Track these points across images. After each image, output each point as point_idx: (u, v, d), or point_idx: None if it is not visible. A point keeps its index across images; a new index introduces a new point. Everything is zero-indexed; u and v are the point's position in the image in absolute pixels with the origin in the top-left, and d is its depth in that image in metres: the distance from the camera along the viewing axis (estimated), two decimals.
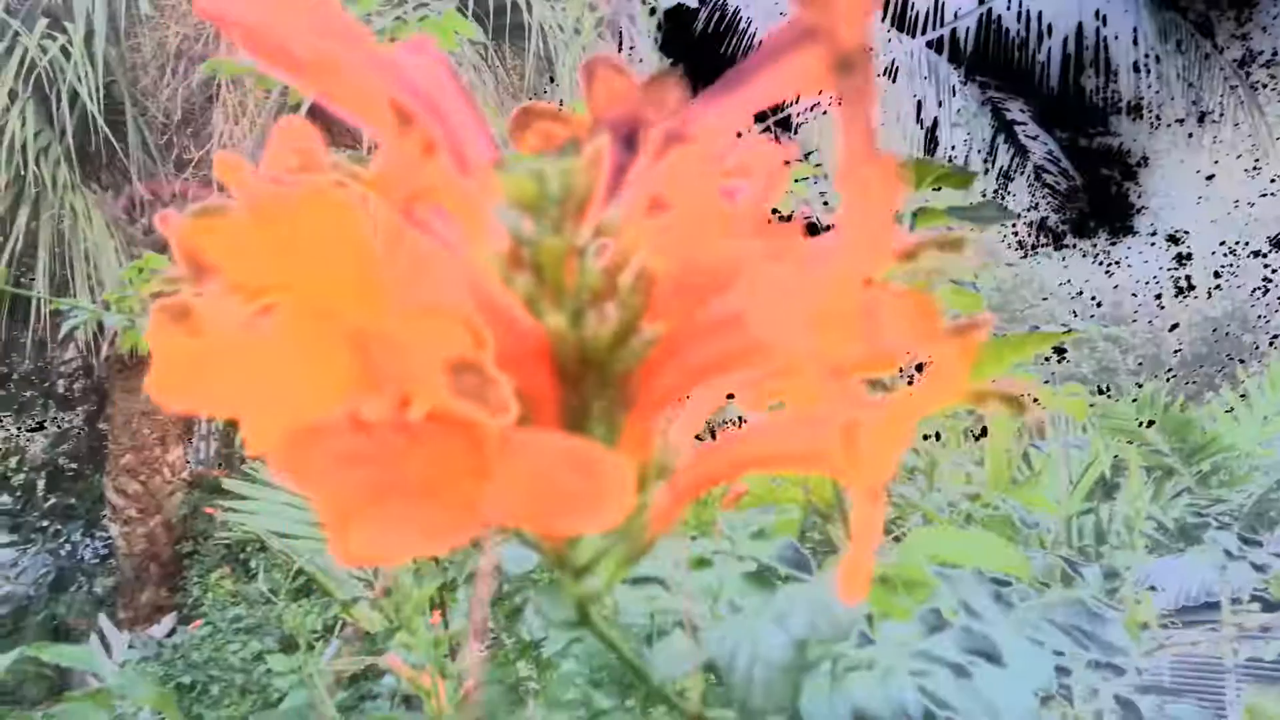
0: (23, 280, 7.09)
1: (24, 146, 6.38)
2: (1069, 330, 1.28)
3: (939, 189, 1.20)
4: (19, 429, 10.11)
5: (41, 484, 9.28)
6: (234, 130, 6.33)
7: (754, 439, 0.38)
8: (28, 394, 9.58)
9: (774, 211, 0.40)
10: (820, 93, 0.37)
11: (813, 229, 0.40)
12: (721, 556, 0.68)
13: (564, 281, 0.36)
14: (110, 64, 6.70)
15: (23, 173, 6.37)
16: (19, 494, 9.12)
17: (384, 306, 0.28)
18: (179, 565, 7.48)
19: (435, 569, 1.49)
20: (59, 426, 9.97)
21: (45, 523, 9.02)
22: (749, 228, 0.34)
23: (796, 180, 1.50)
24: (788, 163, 0.39)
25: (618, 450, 0.39)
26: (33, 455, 9.66)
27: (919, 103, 9.23)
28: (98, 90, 6.41)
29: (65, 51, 6.46)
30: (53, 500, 9.24)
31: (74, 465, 9.42)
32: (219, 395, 0.29)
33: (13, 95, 6.37)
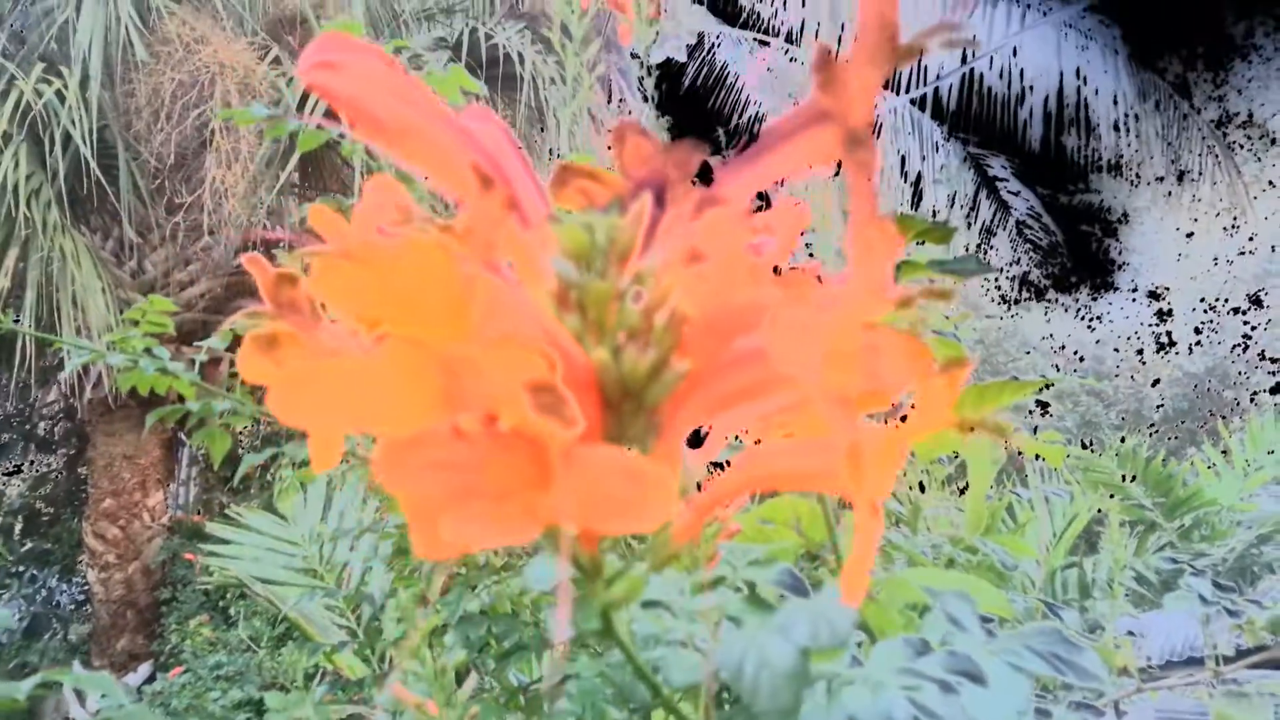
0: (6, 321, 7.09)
1: (15, 188, 6.43)
2: (1048, 380, 1.34)
3: (922, 243, 1.26)
4: None
5: (18, 528, 9.19)
6: (226, 175, 6.39)
7: (769, 459, 0.43)
8: (7, 437, 9.51)
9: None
10: (830, 163, 0.43)
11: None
12: (722, 582, 0.72)
13: (607, 321, 0.42)
14: (104, 108, 6.77)
15: (13, 214, 6.42)
16: None
17: (472, 338, 0.33)
18: (157, 612, 7.42)
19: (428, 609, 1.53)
20: (37, 470, 9.90)
21: (20, 568, 8.91)
22: (770, 276, 0.40)
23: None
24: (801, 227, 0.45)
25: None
26: (10, 499, 9.58)
27: (903, 158, 9.40)
28: (91, 134, 6.48)
29: (60, 95, 6.54)
30: (29, 545, 9.14)
31: (51, 509, 9.34)
32: (330, 411, 0.35)
33: (6, 138, 6.42)
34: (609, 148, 0.51)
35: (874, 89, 0.40)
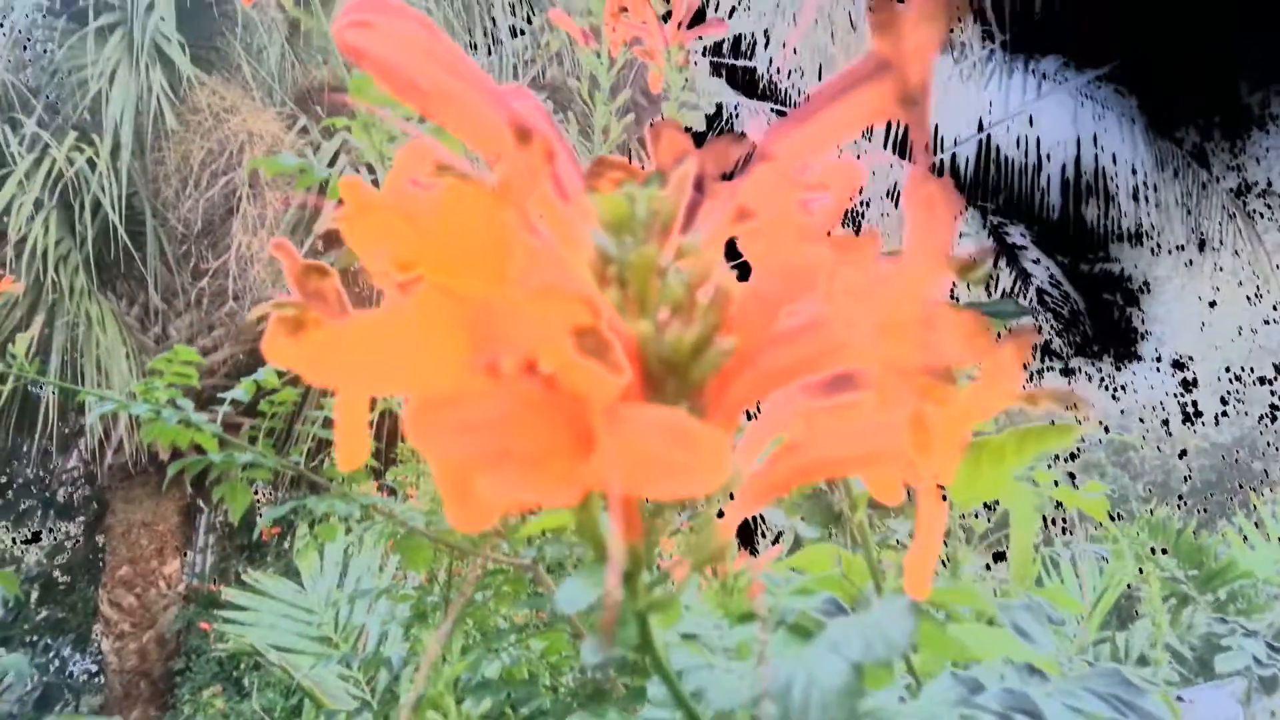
0: (30, 388, 7.16)
1: (45, 253, 6.51)
2: (1087, 426, 1.30)
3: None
4: (14, 539, 10.02)
5: (34, 596, 9.14)
6: (251, 241, 6.46)
7: (823, 443, 0.40)
8: (26, 503, 9.51)
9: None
10: (884, 121, 0.41)
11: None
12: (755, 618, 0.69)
13: (649, 295, 0.39)
14: (134, 176, 6.88)
15: (41, 279, 6.49)
16: (9, 606, 8.97)
17: (516, 283, 0.31)
18: (170, 683, 7.32)
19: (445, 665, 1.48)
20: (55, 537, 9.88)
21: (34, 637, 8.84)
22: (824, 236, 0.37)
23: None
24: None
25: None
26: (27, 566, 9.55)
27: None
28: (120, 201, 6.58)
29: (91, 163, 6.65)
30: (44, 613, 9.09)
31: (67, 577, 9.29)
32: (360, 368, 0.32)
33: (38, 204, 6.53)
34: (645, 145, 0.49)
35: (930, 46, 0.38)
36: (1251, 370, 13.13)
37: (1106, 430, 12.11)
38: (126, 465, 7.10)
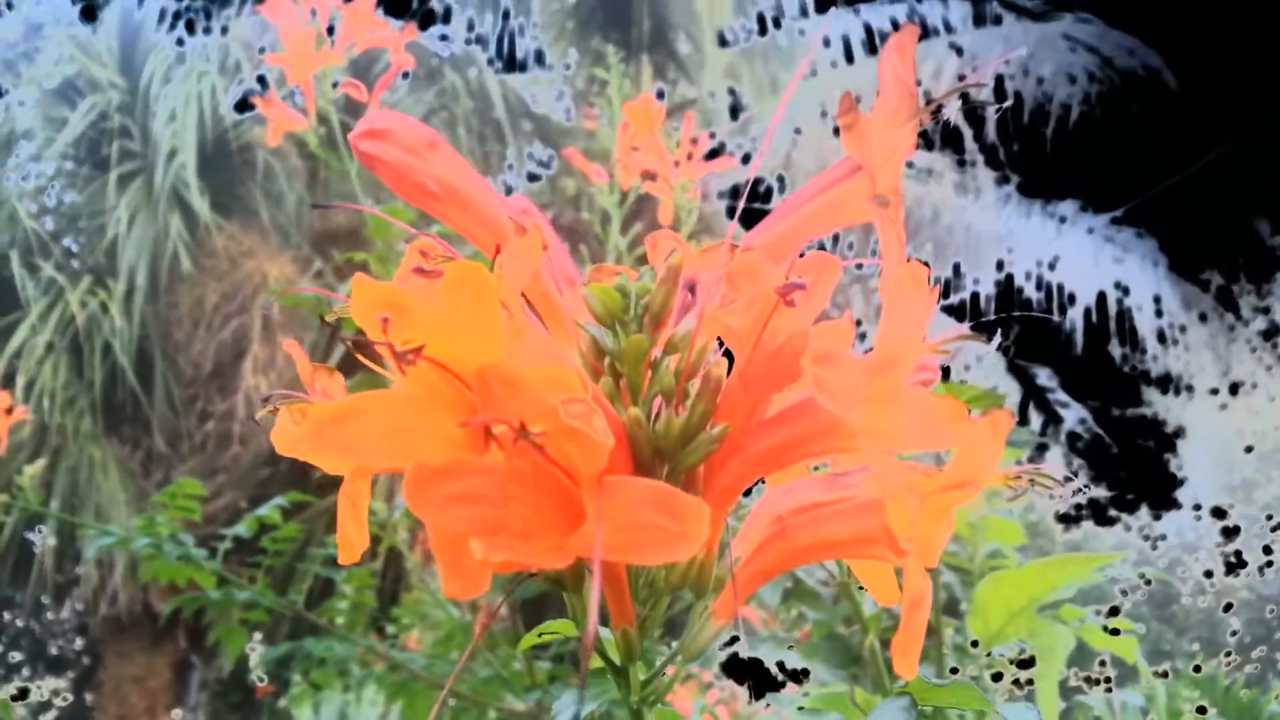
0: (26, 535, 7.12)
1: (52, 395, 6.54)
2: (1117, 555, 1.29)
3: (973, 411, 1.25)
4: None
5: None
6: (262, 383, 6.51)
7: (813, 527, 0.41)
8: (16, 656, 9.28)
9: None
10: (857, 222, 0.43)
11: None
12: None
13: (640, 382, 0.41)
14: (146, 319, 6.97)
15: (47, 422, 6.51)
16: None
17: (511, 357, 0.32)
18: None
19: None
20: (43, 694, 9.61)
21: None
22: (807, 324, 0.39)
23: None
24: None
25: None
26: None
27: (945, 369, 9.36)
28: (131, 344, 6.65)
29: (104, 307, 6.75)
30: None
31: None
32: (360, 445, 0.33)
33: (50, 347, 6.60)
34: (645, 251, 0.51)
35: (900, 152, 0.40)
36: None
37: (1148, 582, 11.72)
38: (120, 617, 6.95)
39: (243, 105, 7.89)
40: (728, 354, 0.43)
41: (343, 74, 1.73)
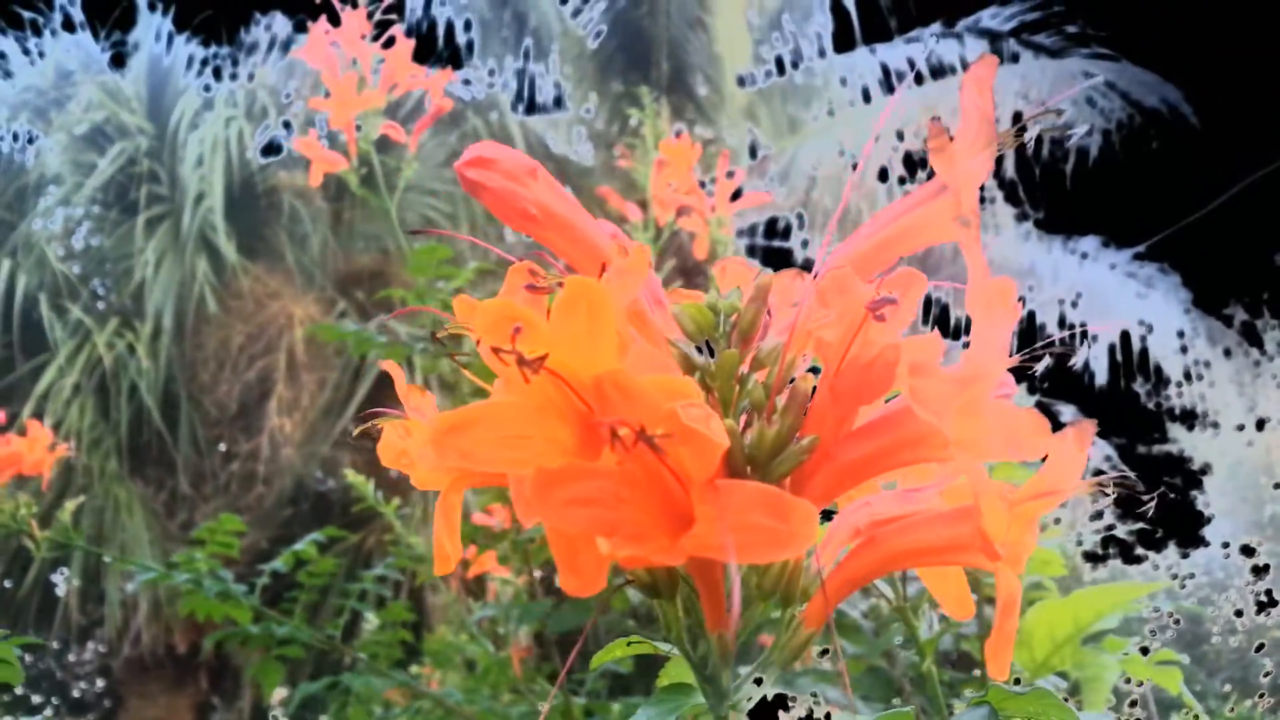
0: (51, 578, 7.15)
1: (79, 436, 6.59)
2: (1163, 584, 1.28)
3: None
4: None
5: None
6: (286, 423, 6.55)
7: (903, 535, 0.42)
8: (38, 699, 9.25)
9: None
10: (940, 241, 0.44)
11: None
12: None
13: (730, 396, 0.42)
14: (171, 361, 7.04)
15: (73, 462, 6.55)
16: None
17: (626, 366, 0.34)
18: None
19: None
20: None
21: None
22: (896, 338, 0.40)
23: None
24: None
25: None
26: None
27: None
28: (157, 385, 6.72)
29: (131, 348, 6.83)
30: None
31: None
32: (474, 452, 0.35)
33: (77, 388, 6.67)
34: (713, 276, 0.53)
35: (979, 176, 0.42)
36: None
37: (1177, 622, 11.53)
38: (143, 658, 6.96)
39: (268, 149, 8.02)
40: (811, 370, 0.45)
41: (380, 116, 1.76)
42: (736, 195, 2.05)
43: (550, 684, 1.91)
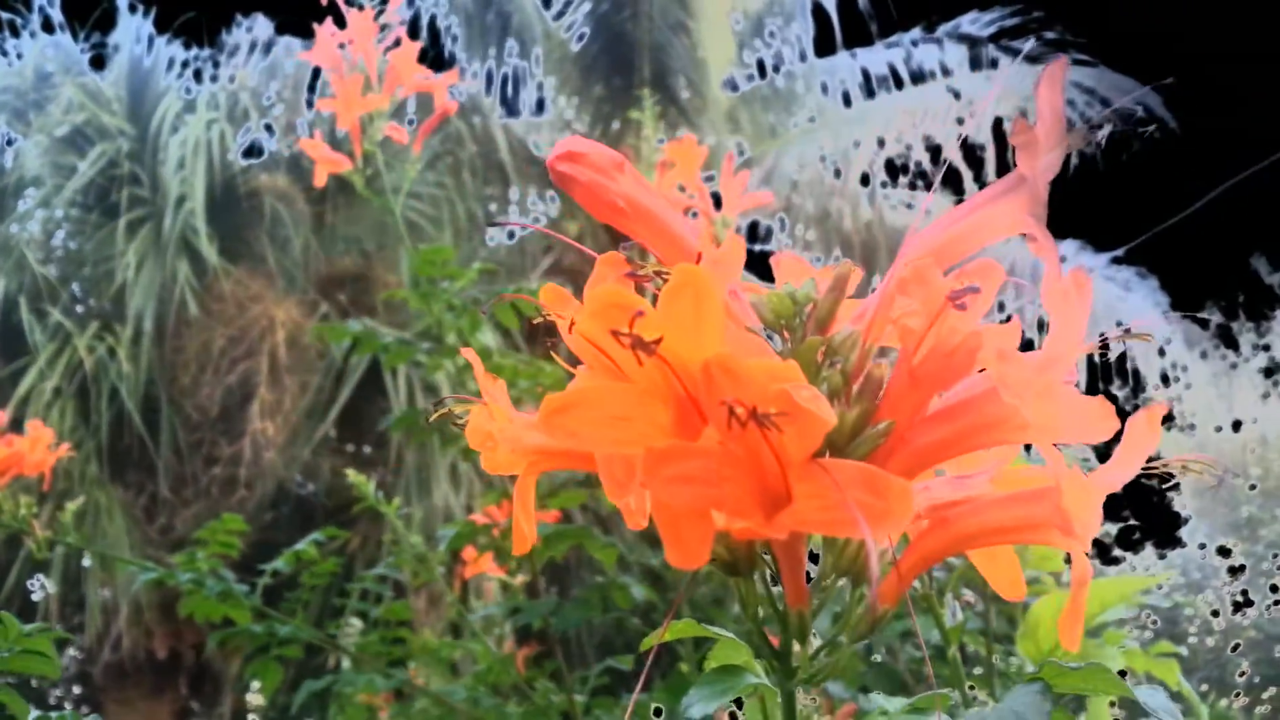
0: (28, 584, 7.09)
1: (59, 439, 6.52)
2: (1163, 576, 1.31)
3: None
4: None
5: None
6: (268, 427, 6.52)
7: (974, 515, 0.44)
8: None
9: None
10: (1014, 233, 0.46)
11: None
12: None
13: (810, 382, 0.44)
14: (152, 364, 7.00)
15: (55, 467, 6.48)
16: None
17: (734, 349, 0.36)
18: None
19: None
20: None
21: None
22: (975, 326, 0.42)
23: None
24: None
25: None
26: None
27: None
28: (137, 389, 6.67)
29: (111, 352, 6.78)
30: None
31: None
32: (580, 431, 0.37)
33: (57, 392, 6.62)
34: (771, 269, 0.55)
35: (1051, 170, 0.44)
36: None
37: (1156, 624, 11.64)
38: (122, 664, 6.90)
39: (250, 152, 7.99)
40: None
41: (385, 118, 1.77)
42: (717, 199, 2.08)
43: (551, 682, 1.92)
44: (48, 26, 7.84)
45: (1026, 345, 0.46)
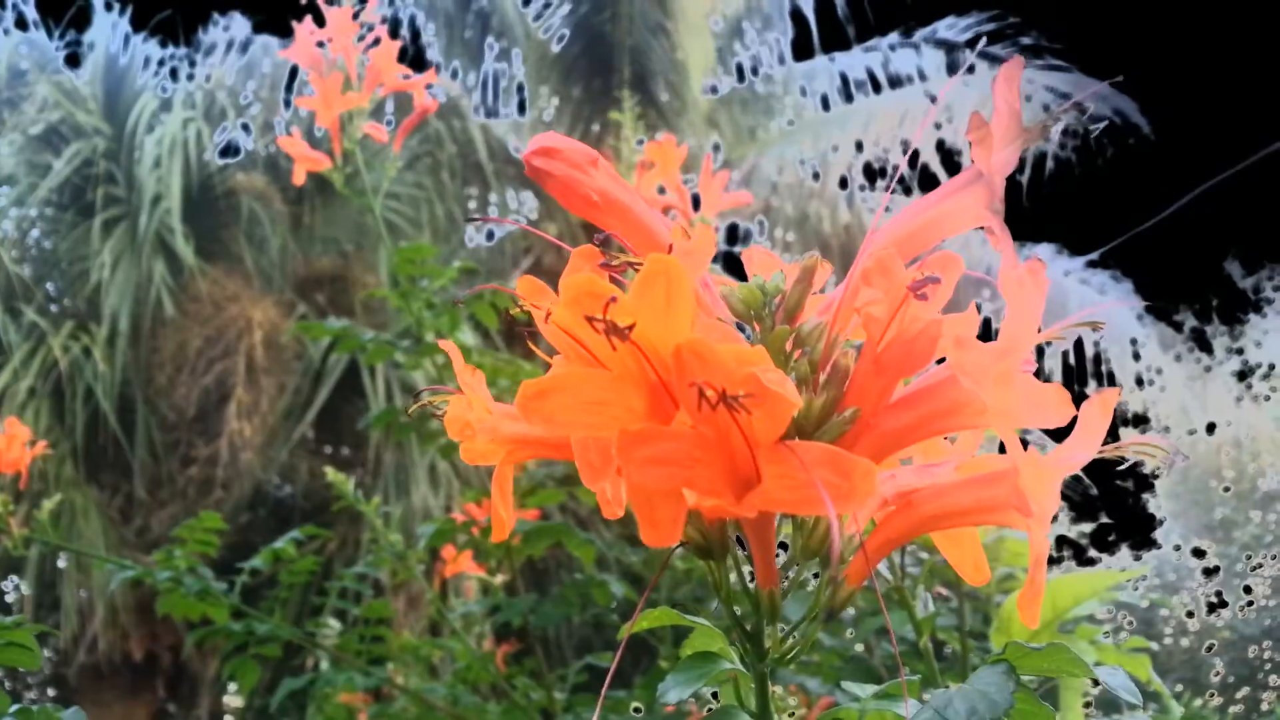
0: (4, 582, 7.04)
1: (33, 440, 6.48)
2: (1137, 572, 1.33)
3: None
4: None
5: None
6: (245, 427, 6.50)
7: (939, 498, 0.45)
8: None
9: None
10: (972, 227, 0.48)
11: None
12: None
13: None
14: (128, 365, 6.96)
15: (29, 467, 6.42)
16: None
17: (702, 334, 0.37)
18: None
19: None
20: None
21: None
22: (935, 315, 0.44)
23: None
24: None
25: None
26: None
27: None
28: (112, 389, 6.63)
29: (87, 351, 6.74)
30: None
31: None
32: (556, 416, 0.38)
33: (32, 392, 6.57)
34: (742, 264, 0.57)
35: (1008, 166, 0.46)
36: (1275, 558, 12.74)
37: (1131, 625, 11.74)
38: (98, 666, 6.85)
39: (227, 151, 7.96)
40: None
41: (365, 116, 1.78)
42: (696, 201, 2.09)
43: (531, 680, 1.93)
44: (22, 23, 7.79)
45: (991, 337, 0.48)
